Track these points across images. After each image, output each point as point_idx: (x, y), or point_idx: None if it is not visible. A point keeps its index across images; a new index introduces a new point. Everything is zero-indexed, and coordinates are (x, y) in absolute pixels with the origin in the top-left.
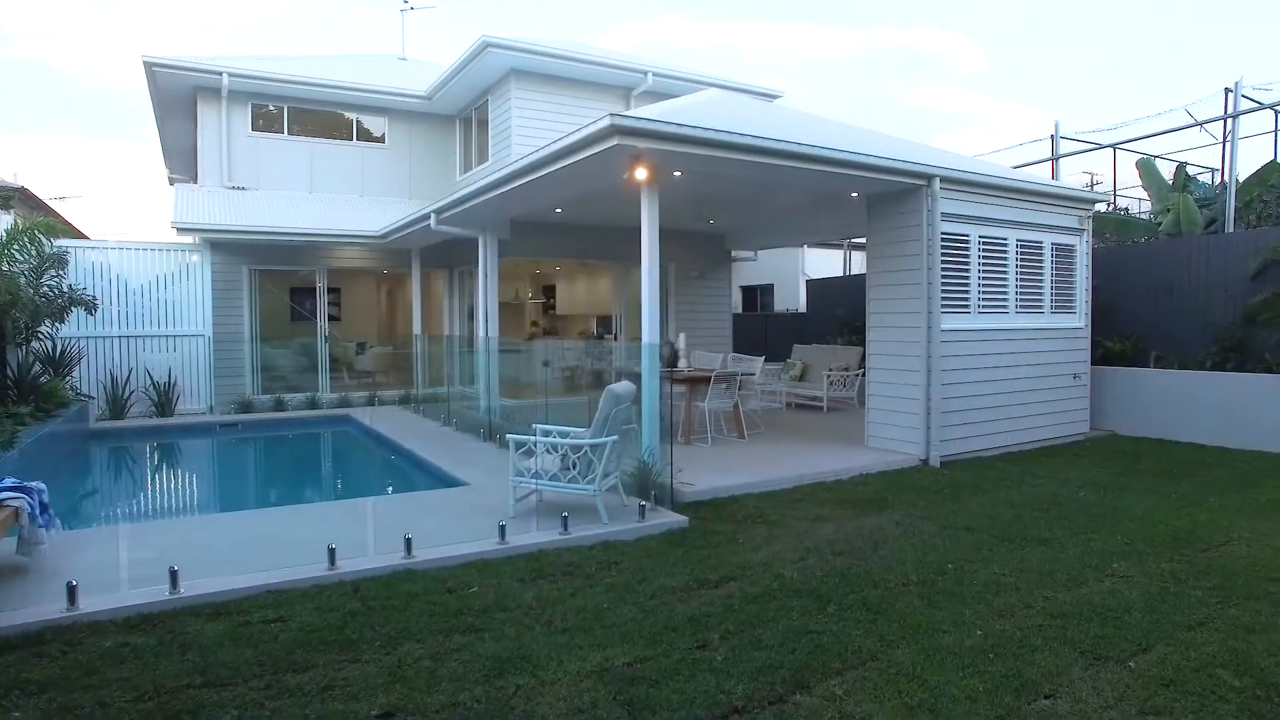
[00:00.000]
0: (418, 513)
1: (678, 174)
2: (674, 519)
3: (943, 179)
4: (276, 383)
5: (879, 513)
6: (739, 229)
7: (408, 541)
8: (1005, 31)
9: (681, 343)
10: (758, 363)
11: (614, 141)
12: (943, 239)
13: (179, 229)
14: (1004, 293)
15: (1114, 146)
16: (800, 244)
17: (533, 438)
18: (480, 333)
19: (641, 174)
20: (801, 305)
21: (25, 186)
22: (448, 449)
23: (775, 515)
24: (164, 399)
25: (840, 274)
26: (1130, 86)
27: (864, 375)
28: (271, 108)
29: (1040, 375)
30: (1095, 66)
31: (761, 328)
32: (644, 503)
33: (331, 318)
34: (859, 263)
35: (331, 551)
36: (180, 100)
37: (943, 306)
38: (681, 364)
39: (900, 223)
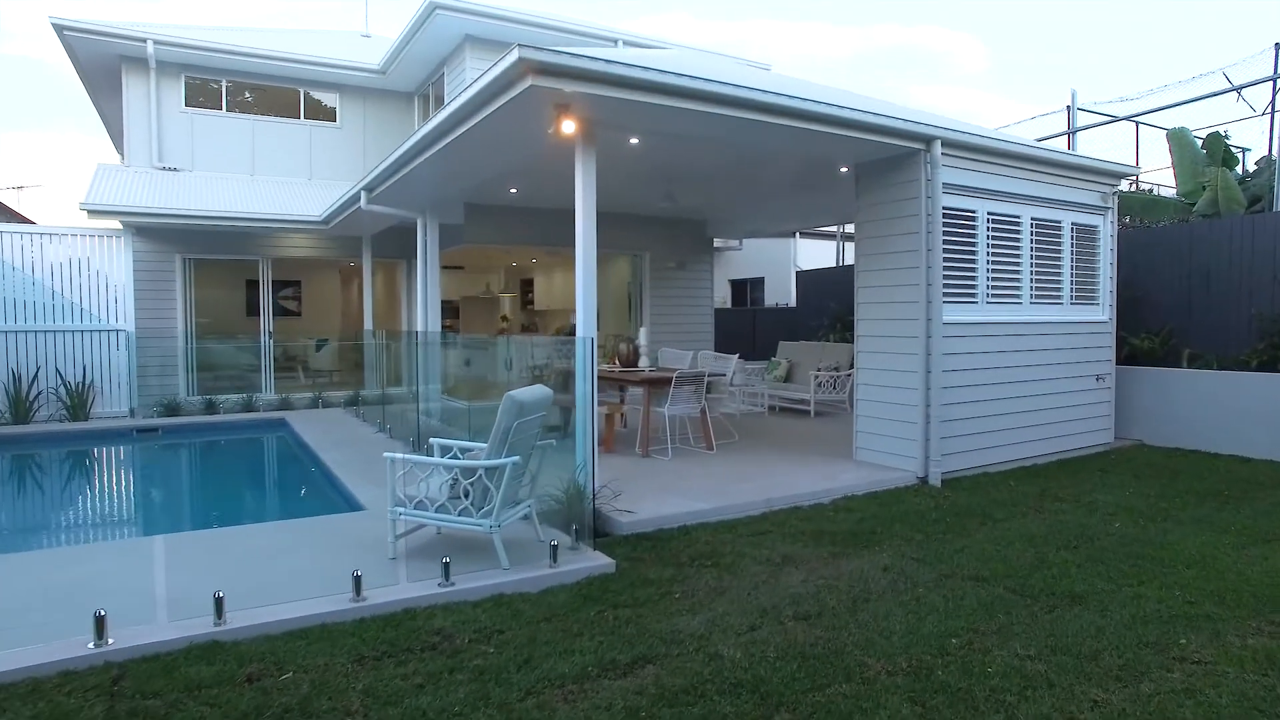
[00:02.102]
0: (284, 548)
1: (634, 140)
2: (597, 562)
3: (945, 142)
4: (223, 382)
5: (863, 552)
6: (719, 213)
7: (218, 602)
8: (1007, 29)
9: (642, 338)
10: (731, 361)
11: (528, 83)
12: (945, 215)
13: (90, 211)
14: (1016, 280)
15: (1135, 120)
16: (788, 231)
17: (409, 456)
18: (419, 327)
19: (569, 127)
20: (793, 300)
21: None
22: (366, 461)
23: (731, 555)
24: (77, 400)
25: (834, 265)
26: (1141, 81)
27: (855, 374)
28: (208, 81)
29: (1059, 376)
30: (1104, 63)
31: (749, 323)
32: (555, 542)
33: (291, 312)
34: (853, 254)
35: (99, 620)
36: (106, 72)
37: (945, 295)
38: (643, 363)
39: (895, 195)
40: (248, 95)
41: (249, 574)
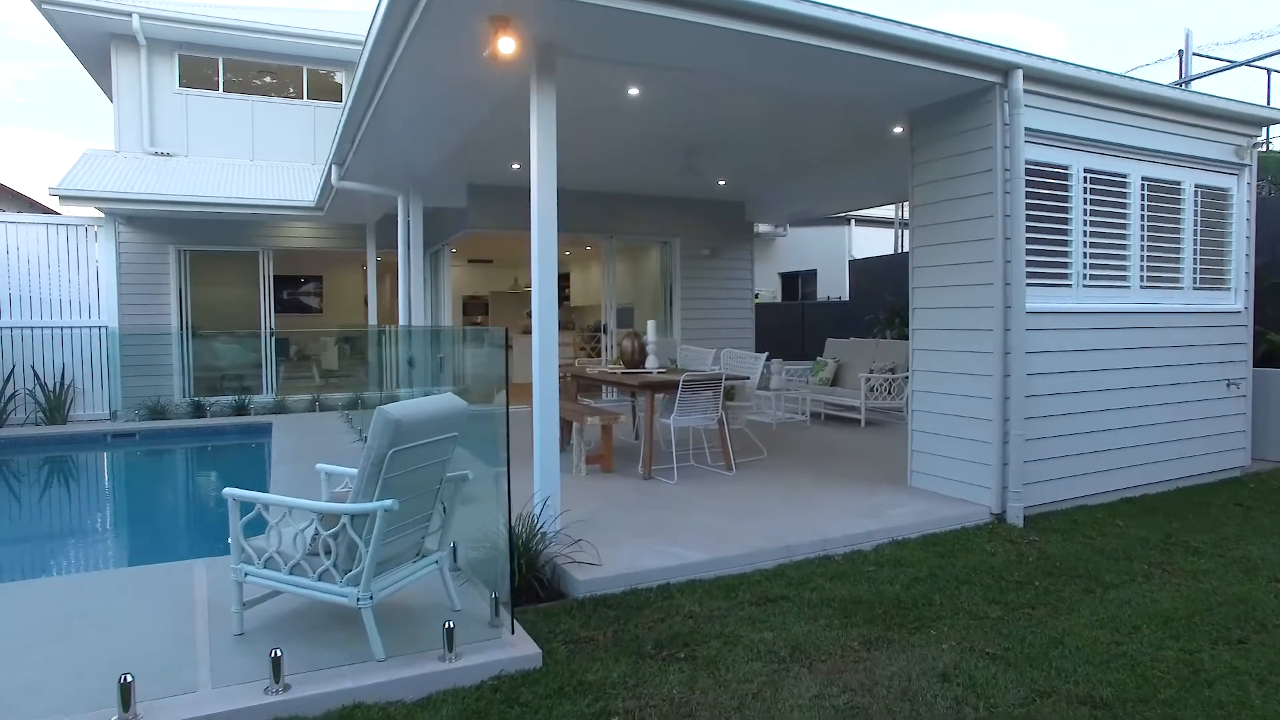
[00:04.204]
0: (98, 614)
1: (634, 90)
2: (516, 653)
3: (1028, 74)
4: (230, 382)
5: (912, 638)
6: (756, 191)
7: None
8: (1084, 11)
9: (650, 334)
10: (758, 362)
11: None
12: (1029, 172)
13: (61, 197)
14: (1123, 257)
15: (1264, 68)
16: (838, 214)
17: (252, 493)
18: (400, 321)
19: (508, 47)
20: (847, 293)
21: None
22: (311, 477)
23: (718, 639)
24: (54, 403)
25: (891, 252)
26: (1269, 17)
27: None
28: (203, 60)
29: (1178, 381)
30: (1212, 18)
31: (796, 319)
32: (451, 623)
33: (311, 309)
34: None
35: None
36: (98, 52)
37: (1028, 277)
38: (650, 363)
39: (961, 147)
40: (246, 74)
41: (36, 651)
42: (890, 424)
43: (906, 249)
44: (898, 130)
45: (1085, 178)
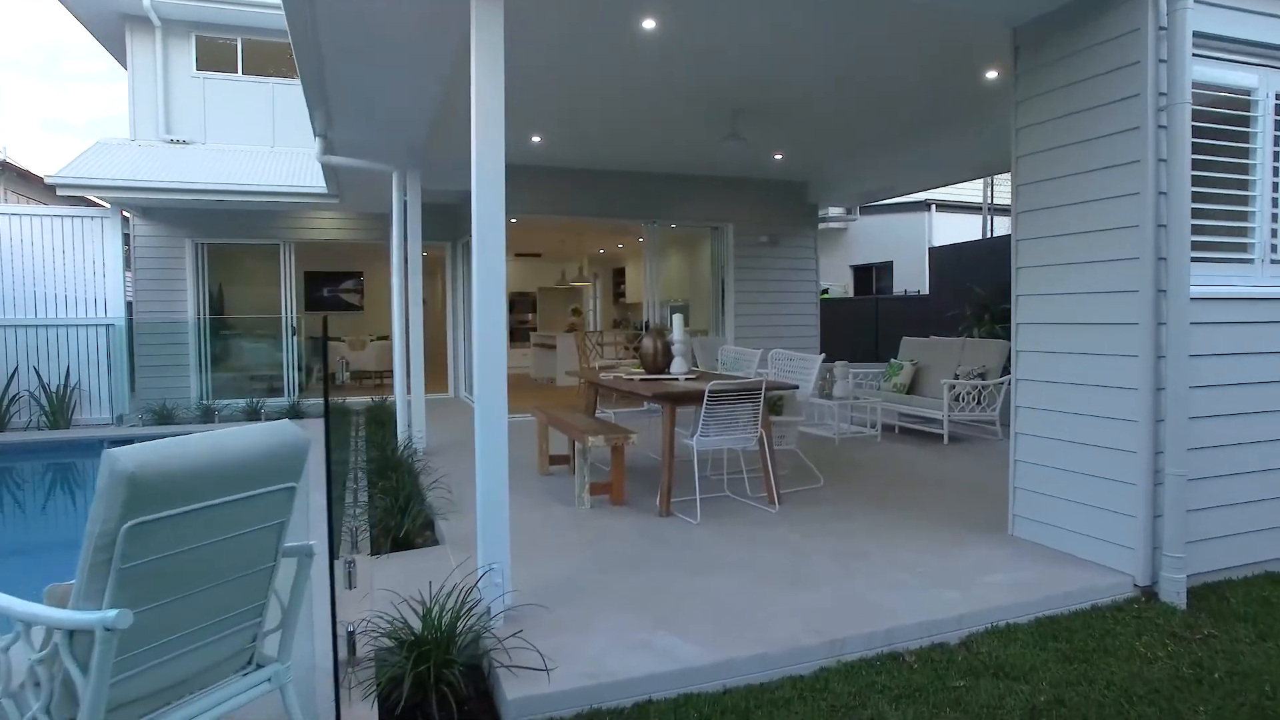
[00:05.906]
0: None
1: (649, 24)
2: None
3: None
4: (258, 384)
5: None
6: (820, 167)
7: None
8: None
9: (677, 332)
10: (812, 365)
11: None
12: (1197, 97)
13: (58, 186)
14: None
15: None
16: (914, 190)
17: None
18: (395, 320)
19: None
20: (927, 286)
21: (6, 160)
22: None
23: None
24: (56, 406)
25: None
26: None
27: (1011, 386)
28: (221, 40)
29: None
30: None
31: (869, 316)
32: None
33: (352, 306)
34: (1005, 227)
35: None
36: (115, 36)
37: (1194, 248)
38: (676, 366)
39: (1090, 69)
40: (266, 56)
41: None
42: (978, 440)
43: (996, 234)
44: (991, 75)
45: (1279, 107)
